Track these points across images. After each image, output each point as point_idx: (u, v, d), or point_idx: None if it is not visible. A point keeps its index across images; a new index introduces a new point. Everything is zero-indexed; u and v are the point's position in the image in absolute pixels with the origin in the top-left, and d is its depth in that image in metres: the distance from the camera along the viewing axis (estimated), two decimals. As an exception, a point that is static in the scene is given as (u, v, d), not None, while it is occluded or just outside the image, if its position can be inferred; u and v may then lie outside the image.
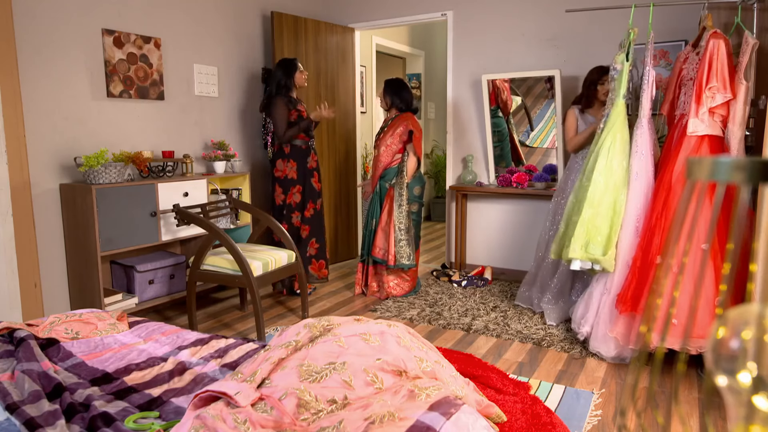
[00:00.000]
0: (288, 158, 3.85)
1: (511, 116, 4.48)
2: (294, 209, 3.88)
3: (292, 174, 3.85)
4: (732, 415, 0.49)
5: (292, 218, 3.88)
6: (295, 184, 3.87)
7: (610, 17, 3.76)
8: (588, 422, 2.19)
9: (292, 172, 3.85)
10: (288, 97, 3.82)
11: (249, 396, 1.43)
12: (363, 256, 4.01)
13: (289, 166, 3.85)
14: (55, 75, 3.12)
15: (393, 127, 3.90)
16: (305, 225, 3.92)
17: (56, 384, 1.66)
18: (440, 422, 1.29)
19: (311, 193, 3.93)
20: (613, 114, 2.94)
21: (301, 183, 3.88)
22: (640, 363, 0.61)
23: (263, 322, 3.02)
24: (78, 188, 3.10)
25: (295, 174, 3.86)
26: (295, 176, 3.86)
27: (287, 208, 3.88)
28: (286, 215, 3.88)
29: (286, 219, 3.87)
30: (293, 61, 3.88)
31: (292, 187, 3.86)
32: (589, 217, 2.88)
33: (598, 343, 2.81)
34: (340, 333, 1.61)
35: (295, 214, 3.89)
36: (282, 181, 3.87)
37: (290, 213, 3.88)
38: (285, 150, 3.85)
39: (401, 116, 3.91)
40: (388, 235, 3.84)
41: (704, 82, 2.63)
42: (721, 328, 0.50)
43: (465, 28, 4.50)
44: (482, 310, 3.61)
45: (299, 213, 3.90)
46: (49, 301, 3.17)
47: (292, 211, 3.88)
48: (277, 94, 3.81)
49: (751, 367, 0.47)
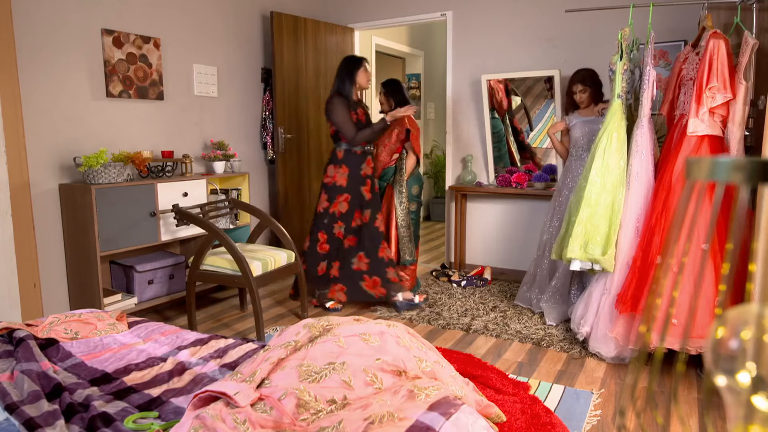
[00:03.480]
0: (340, 164, 3.53)
1: (507, 117, 4.48)
2: (337, 219, 3.54)
3: (342, 181, 3.53)
4: (731, 415, 0.49)
5: (333, 228, 3.55)
6: (343, 192, 3.53)
7: (610, 17, 3.76)
8: (587, 422, 2.19)
9: (342, 179, 3.53)
10: (347, 97, 3.53)
11: (248, 396, 1.43)
12: None
13: (340, 172, 3.53)
14: (54, 75, 3.12)
15: (391, 126, 3.90)
16: (350, 235, 3.57)
17: (55, 384, 1.66)
18: (440, 422, 1.29)
19: (360, 202, 3.57)
20: (608, 114, 2.94)
21: (350, 191, 3.54)
22: (639, 363, 0.61)
23: (263, 322, 3.02)
24: (77, 188, 3.10)
25: (345, 181, 3.53)
26: (345, 184, 3.53)
27: (329, 217, 3.54)
28: (327, 224, 3.55)
29: (326, 228, 3.55)
30: (357, 60, 3.58)
31: (339, 195, 3.53)
32: (588, 217, 2.88)
33: (598, 343, 2.81)
34: (339, 333, 1.61)
35: (338, 224, 3.54)
36: (329, 188, 3.56)
37: (332, 223, 3.54)
38: (338, 155, 3.55)
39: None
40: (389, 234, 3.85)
41: (704, 82, 2.63)
42: (721, 328, 0.50)
43: (464, 28, 4.50)
44: (482, 310, 3.61)
45: (343, 223, 3.55)
46: (49, 301, 3.17)
47: (334, 221, 3.54)
48: (342, 93, 3.53)
49: (750, 367, 0.47)
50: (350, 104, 3.53)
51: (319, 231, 3.57)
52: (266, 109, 4.54)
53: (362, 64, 3.57)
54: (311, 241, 3.60)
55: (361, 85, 3.59)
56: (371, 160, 3.63)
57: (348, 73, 3.54)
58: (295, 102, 4.52)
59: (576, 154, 3.46)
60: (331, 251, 3.57)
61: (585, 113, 3.49)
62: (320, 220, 3.58)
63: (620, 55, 2.92)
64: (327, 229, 3.56)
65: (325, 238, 3.56)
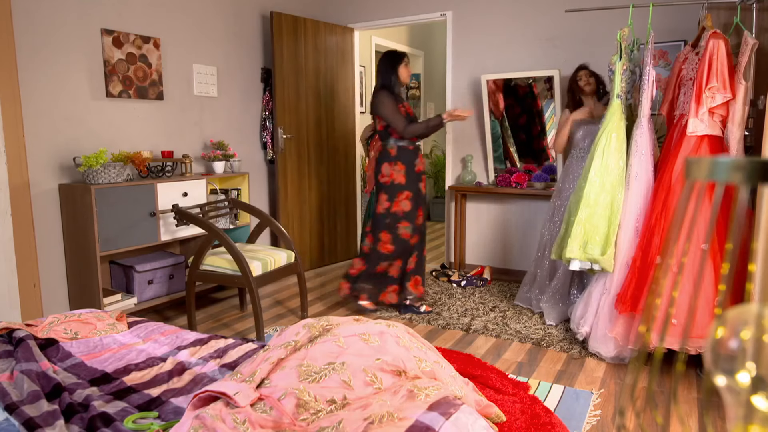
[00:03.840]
0: (395, 161, 3.42)
1: (504, 118, 4.47)
2: (402, 218, 3.42)
3: (400, 178, 3.41)
4: (731, 414, 0.49)
5: (398, 228, 3.43)
6: (403, 190, 3.41)
7: (610, 17, 3.76)
8: (587, 422, 2.19)
9: (399, 176, 3.41)
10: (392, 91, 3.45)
11: (248, 396, 1.43)
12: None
13: (396, 169, 3.42)
14: (54, 75, 3.12)
15: None
16: (416, 235, 3.47)
17: (55, 384, 1.66)
18: (439, 422, 1.29)
19: (421, 200, 3.50)
20: (608, 114, 2.95)
21: (410, 188, 3.43)
22: (639, 363, 0.61)
23: (262, 322, 3.02)
24: (77, 188, 3.10)
25: (403, 178, 3.41)
26: (404, 181, 3.41)
27: (392, 217, 3.42)
28: (390, 224, 3.43)
29: (388, 228, 3.43)
30: (398, 55, 3.50)
31: (400, 194, 3.41)
32: (587, 217, 2.89)
33: (598, 343, 2.81)
34: (339, 333, 1.61)
35: (404, 224, 3.42)
36: (388, 187, 3.43)
37: (396, 223, 3.42)
38: (390, 152, 3.44)
39: None
40: None
41: (704, 82, 2.63)
42: (720, 328, 0.50)
43: (464, 28, 4.50)
44: (481, 310, 3.61)
45: (409, 223, 3.43)
46: (48, 301, 3.17)
47: (398, 220, 3.42)
48: (388, 87, 3.45)
49: (749, 367, 0.47)
50: (396, 98, 3.46)
51: (381, 231, 3.44)
52: (266, 109, 4.54)
53: (404, 59, 3.50)
54: (373, 242, 3.48)
55: (403, 80, 3.51)
56: (422, 155, 3.56)
57: (391, 68, 3.47)
58: (295, 102, 4.53)
59: (577, 155, 3.46)
60: (395, 251, 3.46)
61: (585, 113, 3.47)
62: (382, 221, 3.44)
63: (619, 55, 2.92)
64: (390, 230, 3.43)
65: (389, 238, 3.43)
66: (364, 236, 3.60)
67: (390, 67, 3.48)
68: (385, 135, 3.50)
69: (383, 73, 3.49)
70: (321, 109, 4.78)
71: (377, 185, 3.52)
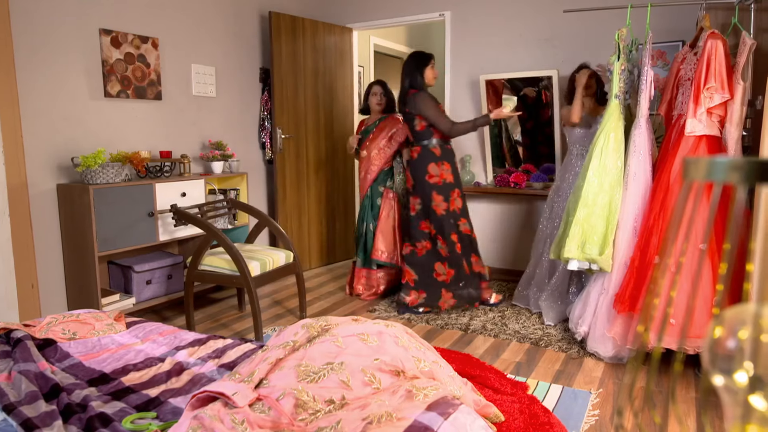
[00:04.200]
0: (441, 160, 3.46)
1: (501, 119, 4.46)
2: (460, 216, 3.48)
3: (449, 177, 3.46)
4: (728, 414, 0.50)
5: (459, 226, 3.46)
6: (454, 189, 3.48)
7: (608, 17, 3.76)
8: (585, 422, 2.19)
9: (448, 175, 3.46)
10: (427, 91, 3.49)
11: (247, 396, 1.43)
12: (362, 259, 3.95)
13: (444, 169, 3.46)
14: (52, 75, 3.12)
15: (383, 128, 3.88)
16: (468, 228, 3.51)
17: (53, 384, 1.66)
18: (438, 422, 1.29)
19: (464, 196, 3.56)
20: (606, 114, 2.95)
21: (458, 186, 3.50)
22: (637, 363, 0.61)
23: (261, 322, 3.02)
24: (75, 188, 3.10)
25: (451, 177, 3.47)
26: (452, 179, 3.47)
27: (452, 216, 3.47)
28: (454, 224, 3.46)
29: (455, 229, 3.46)
30: (425, 56, 3.52)
31: (452, 192, 3.47)
32: (585, 217, 2.89)
33: (596, 343, 2.81)
34: (338, 333, 1.61)
35: (462, 221, 3.48)
36: (441, 188, 3.45)
37: (457, 221, 3.47)
38: (435, 152, 3.46)
39: (390, 117, 3.91)
40: (394, 238, 3.86)
41: (702, 82, 2.63)
42: (718, 327, 0.50)
43: (463, 28, 4.50)
44: (480, 309, 3.61)
45: (465, 219, 3.49)
46: (47, 301, 3.17)
47: (458, 218, 3.48)
48: (418, 88, 3.48)
49: (747, 367, 0.48)
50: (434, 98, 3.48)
51: (452, 233, 3.46)
52: (264, 109, 4.53)
53: (431, 61, 3.52)
54: (448, 245, 3.48)
55: (429, 82, 3.52)
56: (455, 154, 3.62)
57: (417, 69, 3.48)
58: (294, 102, 4.52)
59: (576, 153, 3.46)
60: (464, 249, 3.50)
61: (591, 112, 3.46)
62: (446, 222, 3.46)
63: (617, 55, 2.93)
64: (455, 229, 3.48)
65: (458, 237, 3.48)
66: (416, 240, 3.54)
67: (416, 68, 3.49)
68: (426, 135, 3.49)
69: (410, 74, 3.50)
70: (319, 109, 4.78)
71: (423, 187, 3.48)
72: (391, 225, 3.89)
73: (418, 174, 3.50)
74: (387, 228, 3.88)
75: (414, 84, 3.48)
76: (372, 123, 3.95)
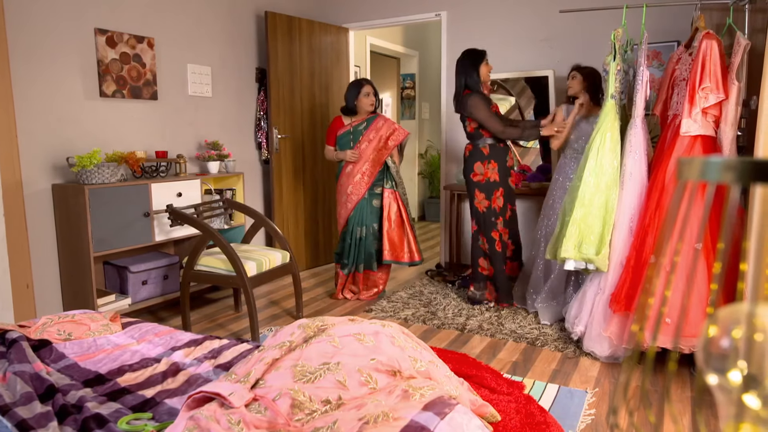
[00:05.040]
0: (488, 159, 3.52)
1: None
2: (498, 214, 3.57)
3: (494, 176, 3.53)
4: (723, 413, 0.50)
5: (497, 225, 3.57)
6: (498, 187, 3.54)
7: (604, 18, 3.78)
8: (582, 421, 2.20)
9: (494, 174, 3.52)
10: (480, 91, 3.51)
11: (243, 397, 1.42)
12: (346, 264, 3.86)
13: (490, 167, 3.52)
14: (47, 75, 3.10)
15: (378, 129, 3.81)
16: (505, 228, 3.61)
17: (48, 385, 1.65)
18: (434, 422, 1.29)
19: (510, 195, 3.63)
20: (602, 114, 2.96)
21: (502, 185, 3.56)
22: (632, 362, 0.61)
23: (257, 322, 3.01)
24: (70, 188, 3.08)
25: (497, 176, 3.53)
26: (498, 178, 3.53)
27: (493, 213, 3.55)
28: (494, 222, 3.56)
29: (493, 226, 3.57)
30: (479, 53, 3.53)
31: (496, 191, 3.54)
32: (581, 217, 2.89)
33: (592, 343, 2.82)
34: (334, 333, 1.61)
35: (499, 220, 3.58)
36: (483, 186, 3.53)
37: (496, 219, 3.57)
38: (483, 151, 3.52)
39: (380, 117, 3.86)
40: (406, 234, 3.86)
41: (697, 82, 2.64)
42: (712, 327, 0.50)
43: (459, 28, 4.51)
44: (476, 309, 3.62)
45: (502, 218, 3.59)
46: (42, 302, 3.15)
47: (497, 216, 3.57)
48: (469, 88, 3.50)
49: (741, 366, 0.48)
50: (486, 99, 3.50)
51: (492, 230, 3.56)
52: (261, 109, 4.53)
53: (485, 57, 3.52)
54: (489, 244, 3.57)
55: (484, 78, 3.52)
56: (510, 152, 3.63)
57: (473, 66, 3.49)
58: (290, 102, 4.52)
59: (570, 155, 3.47)
60: (503, 248, 3.61)
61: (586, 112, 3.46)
62: (488, 219, 3.56)
63: (613, 55, 2.93)
64: (494, 227, 3.57)
65: (499, 235, 3.57)
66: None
67: (472, 66, 3.49)
68: (476, 136, 3.57)
69: (464, 73, 3.51)
70: (316, 109, 4.77)
71: (468, 184, 3.60)
72: (399, 224, 3.87)
73: (466, 171, 3.62)
74: (396, 226, 3.86)
75: (469, 83, 3.51)
76: (360, 123, 3.83)
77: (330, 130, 3.92)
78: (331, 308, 3.77)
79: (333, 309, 3.75)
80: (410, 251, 3.86)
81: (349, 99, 3.83)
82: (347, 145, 3.83)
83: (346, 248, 3.86)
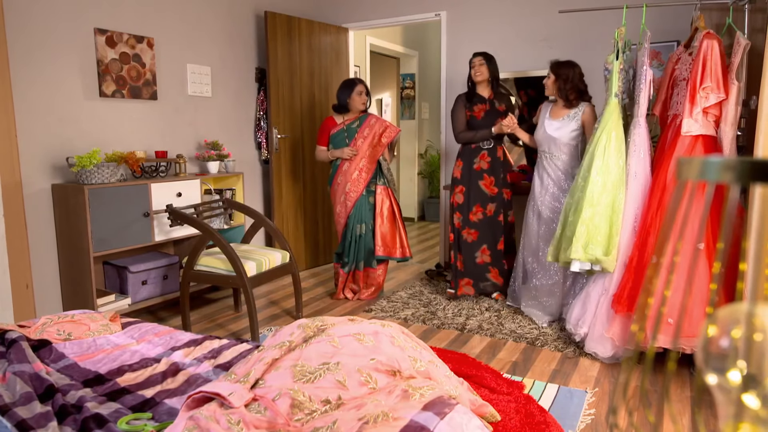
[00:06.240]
0: (458, 158, 3.81)
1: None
2: (455, 209, 3.78)
3: (457, 173, 3.77)
4: (722, 413, 0.50)
5: (453, 218, 3.79)
6: (458, 184, 3.76)
7: (603, 17, 3.78)
8: (581, 421, 2.20)
9: (457, 171, 3.78)
10: (467, 95, 3.75)
11: (242, 397, 1.42)
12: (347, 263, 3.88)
13: (456, 165, 3.79)
14: (47, 75, 3.10)
15: (372, 126, 3.82)
16: (471, 229, 3.73)
17: (48, 385, 1.65)
18: (434, 422, 1.29)
19: (477, 196, 3.72)
20: (606, 113, 2.94)
21: (464, 183, 3.74)
22: (631, 362, 0.61)
23: (257, 322, 3.01)
24: (70, 188, 3.08)
25: (459, 173, 3.76)
26: (459, 176, 3.76)
27: (451, 207, 3.85)
28: (450, 215, 3.85)
29: (451, 219, 3.83)
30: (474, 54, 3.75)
31: (456, 187, 3.77)
32: (590, 217, 2.86)
33: (595, 344, 2.80)
34: (333, 333, 1.61)
35: (456, 215, 3.77)
36: (453, 180, 3.81)
37: (453, 213, 3.80)
38: (459, 150, 3.84)
39: (372, 115, 3.87)
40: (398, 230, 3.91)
41: (698, 82, 2.64)
42: (712, 326, 0.50)
43: (459, 28, 4.51)
44: (476, 309, 3.62)
45: (461, 215, 3.76)
46: (41, 302, 3.15)
47: (454, 211, 3.79)
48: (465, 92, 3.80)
49: (740, 366, 0.48)
50: (467, 102, 3.74)
51: (451, 223, 3.84)
52: (260, 109, 4.53)
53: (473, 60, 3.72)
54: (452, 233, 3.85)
55: (474, 78, 3.72)
56: (487, 154, 3.72)
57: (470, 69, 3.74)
58: (290, 102, 4.52)
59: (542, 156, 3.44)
60: (454, 241, 3.80)
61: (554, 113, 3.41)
62: (451, 212, 3.84)
63: (616, 54, 2.92)
64: (452, 220, 3.83)
65: (451, 227, 3.84)
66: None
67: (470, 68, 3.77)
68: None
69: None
70: (315, 109, 4.77)
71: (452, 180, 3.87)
72: (391, 220, 3.89)
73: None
74: (388, 222, 3.88)
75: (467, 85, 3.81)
76: (353, 121, 3.84)
77: (322, 130, 3.92)
78: (331, 308, 3.76)
79: (333, 309, 3.75)
80: (402, 247, 3.92)
81: (342, 97, 3.85)
82: (342, 143, 3.83)
83: (347, 247, 3.87)
